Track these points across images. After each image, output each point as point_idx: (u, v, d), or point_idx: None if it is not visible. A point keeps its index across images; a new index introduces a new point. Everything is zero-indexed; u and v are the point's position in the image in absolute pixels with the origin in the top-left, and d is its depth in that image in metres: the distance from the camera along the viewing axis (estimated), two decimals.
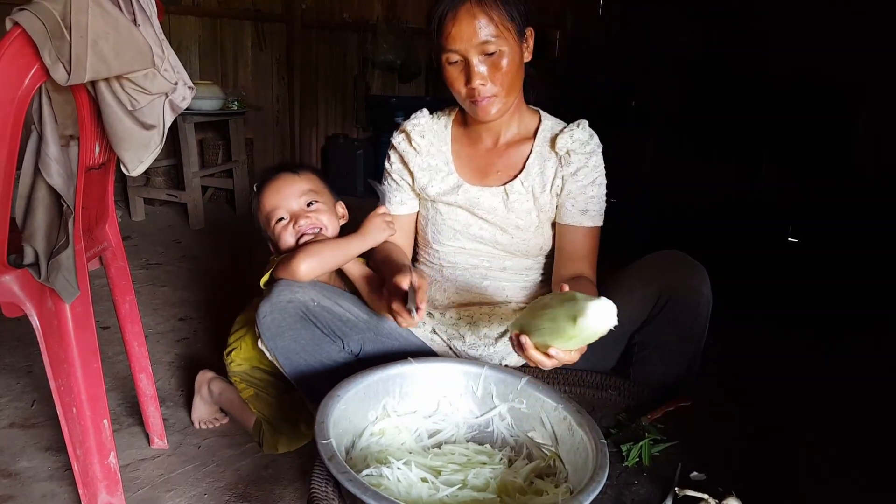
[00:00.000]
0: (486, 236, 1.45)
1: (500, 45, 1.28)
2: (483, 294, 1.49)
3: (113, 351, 1.95)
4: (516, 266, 1.48)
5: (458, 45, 1.28)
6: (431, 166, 1.48)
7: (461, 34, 1.27)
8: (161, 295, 2.54)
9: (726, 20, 3.02)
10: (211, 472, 1.46)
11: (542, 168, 1.43)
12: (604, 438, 1.02)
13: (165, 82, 1.16)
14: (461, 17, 1.27)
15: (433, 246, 1.51)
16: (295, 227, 1.44)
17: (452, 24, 1.27)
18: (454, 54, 1.30)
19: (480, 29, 1.26)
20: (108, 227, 1.43)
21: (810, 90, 2.69)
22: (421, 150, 1.48)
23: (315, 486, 0.99)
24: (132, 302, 1.50)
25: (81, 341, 1.13)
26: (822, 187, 2.69)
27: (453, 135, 1.51)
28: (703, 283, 1.34)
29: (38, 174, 1.07)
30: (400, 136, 1.51)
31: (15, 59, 0.99)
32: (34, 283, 1.09)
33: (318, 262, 1.31)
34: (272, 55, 4.53)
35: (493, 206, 1.44)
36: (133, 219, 3.68)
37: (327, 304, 1.32)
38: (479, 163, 1.48)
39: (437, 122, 1.52)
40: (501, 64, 1.30)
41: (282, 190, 1.47)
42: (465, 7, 1.27)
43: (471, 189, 1.45)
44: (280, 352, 1.30)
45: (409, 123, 1.51)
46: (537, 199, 1.43)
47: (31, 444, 1.53)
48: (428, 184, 1.47)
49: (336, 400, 1.07)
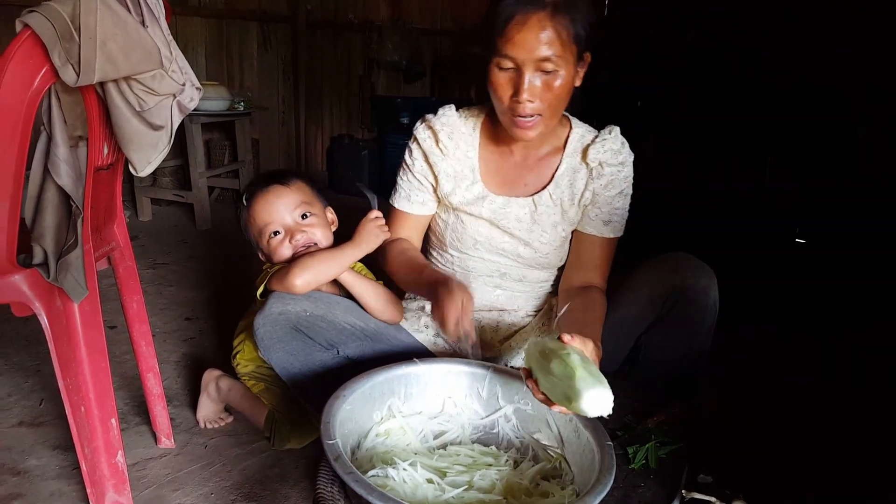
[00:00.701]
0: (508, 249, 1.42)
1: (559, 66, 1.20)
2: (494, 303, 1.48)
3: (120, 350, 1.96)
4: (533, 277, 1.46)
5: (518, 53, 1.19)
6: (457, 172, 1.41)
7: (525, 43, 1.18)
8: (168, 294, 2.54)
9: (730, 20, 3.01)
10: (217, 471, 1.46)
11: (572, 180, 1.39)
12: (610, 440, 1.02)
13: (173, 83, 1.16)
14: (531, 25, 1.17)
15: (450, 251, 1.47)
16: (291, 242, 1.43)
17: (519, 29, 1.18)
18: (509, 61, 1.21)
19: (546, 43, 1.18)
20: (117, 227, 1.43)
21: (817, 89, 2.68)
22: (448, 153, 1.41)
23: (321, 486, 0.99)
24: (140, 302, 1.50)
25: (90, 341, 1.14)
26: (830, 186, 2.68)
27: (481, 141, 1.43)
28: (710, 286, 1.33)
29: (47, 175, 1.07)
30: (426, 133, 1.42)
31: (25, 61, 0.99)
32: (43, 282, 1.10)
33: (313, 276, 1.31)
34: (278, 56, 4.54)
35: (520, 217, 1.39)
36: (140, 219, 3.69)
37: (321, 314, 1.31)
38: (506, 174, 1.42)
39: (465, 122, 1.43)
40: (555, 84, 1.22)
41: (274, 204, 1.45)
42: (537, 16, 1.17)
43: (497, 199, 1.39)
44: (275, 362, 1.32)
45: (436, 121, 1.42)
46: (566, 211, 1.39)
47: (40, 442, 1.54)
48: (452, 191, 1.41)
49: (342, 400, 1.08)
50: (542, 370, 1.02)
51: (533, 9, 1.17)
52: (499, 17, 1.20)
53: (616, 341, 1.43)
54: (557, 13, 1.18)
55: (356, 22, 4.88)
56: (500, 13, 1.20)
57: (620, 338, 1.42)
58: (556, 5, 1.18)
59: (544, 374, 1.02)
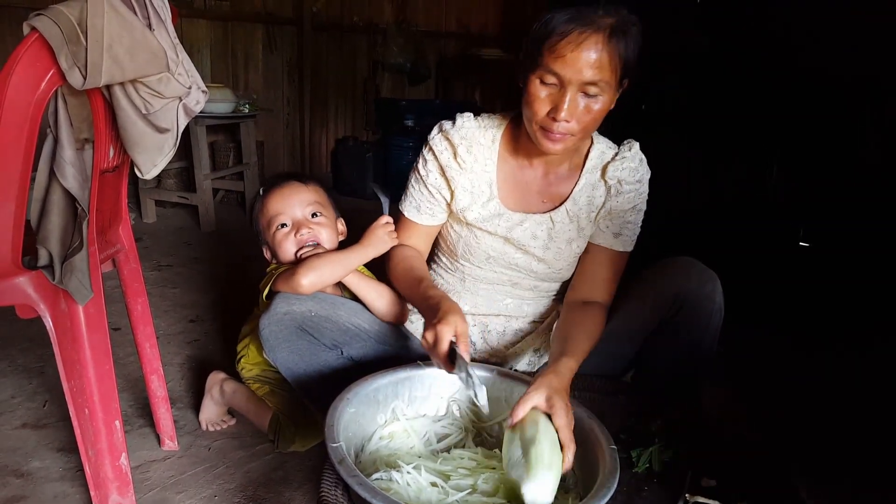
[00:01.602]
0: (521, 264, 1.40)
1: (603, 91, 1.17)
2: (502, 310, 1.48)
3: (124, 352, 1.97)
4: (544, 288, 1.46)
5: (567, 72, 1.14)
6: (474, 187, 1.37)
7: (576, 62, 1.13)
8: (172, 296, 2.55)
9: (734, 21, 3.01)
10: (221, 473, 1.47)
11: (590, 197, 1.37)
12: (614, 444, 1.02)
13: (179, 86, 1.16)
14: (586, 45, 1.13)
15: (461, 261, 1.46)
16: (296, 235, 1.45)
17: (573, 48, 1.13)
18: (554, 77, 1.16)
19: (596, 67, 1.14)
20: (122, 229, 1.44)
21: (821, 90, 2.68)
22: (466, 168, 1.36)
23: (325, 489, 0.99)
24: (144, 304, 1.51)
25: (94, 343, 1.14)
26: (835, 189, 2.67)
27: (500, 154, 1.38)
28: (715, 291, 1.33)
29: (53, 177, 1.08)
30: (443, 144, 1.37)
31: (32, 64, 1.00)
32: (48, 284, 1.10)
33: (318, 277, 1.32)
34: (283, 58, 4.55)
35: (536, 234, 1.37)
36: (144, 221, 3.70)
37: (326, 314, 1.32)
38: (525, 189, 1.39)
39: (484, 133, 1.37)
40: (594, 108, 1.19)
41: (289, 197, 1.48)
42: (594, 37, 1.13)
43: (513, 216, 1.37)
44: (280, 362, 1.32)
45: (455, 133, 1.36)
46: (582, 228, 1.38)
47: (44, 444, 1.54)
48: (468, 207, 1.38)
49: (346, 403, 1.08)
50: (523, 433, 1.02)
51: (590, 30, 1.13)
52: (552, 32, 1.15)
53: (620, 346, 1.42)
54: (613, 38, 1.14)
55: (361, 24, 4.89)
56: (554, 27, 1.15)
57: (625, 342, 1.42)
58: (613, 29, 1.14)
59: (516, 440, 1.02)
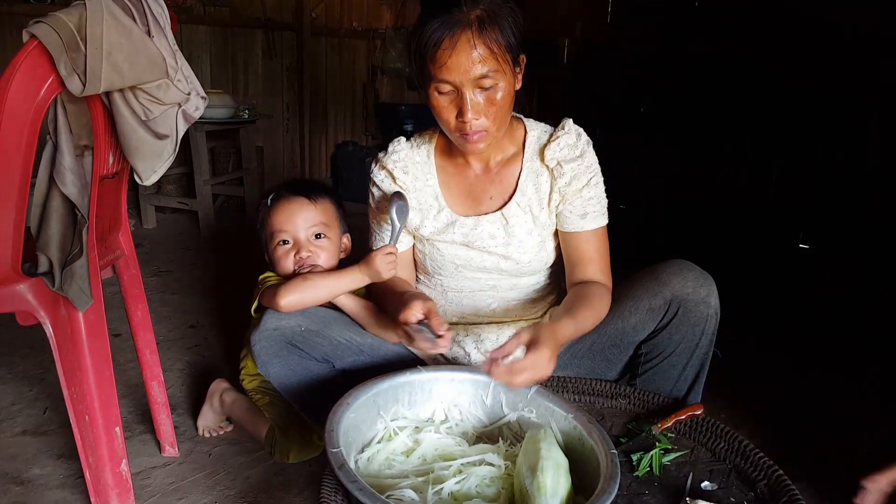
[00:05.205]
0: (490, 265, 1.40)
1: (498, 79, 1.18)
2: (492, 316, 1.47)
3: (124, 358, 1.96)
4: (523, 284, 1.45)
5: (454, 76, 1.16)
6: (421, 203, 1.40)
7: (459, 65, 1.15)
8: (172, 302, 2.55)
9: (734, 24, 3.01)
10: (222, 479, 1.46)
11: (536, 185, 1.37)
12: (614, 448, 1.02)
13: (179, 93, 1.17)
14: (460, 47, 1.14)
15: (434, 277, 1.46)
16: (296, 255, 1.44)
17: (450, 53, 1.15)
18: (447, 84, 1.19)
19: (480, 62, 1.15)
20: (122, 235, 1.44)
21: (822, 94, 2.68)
22: (407, 188, 1.39)
23: (325, 495, 0.99)
24: (144, 310, 1.51)
25: (94, 349, 1.14)
26: (835, 193, 2.67)
27: (438, 165, 1.41)
28: (711, 294, 1.33)
29: (52, 184, 1.08)
30: (382, 174, 1.41)
31: (31, 71, 1.00)
32: (48, 291, 1.10)
33: (299, 299, 1.31)
34: (282, 63, 4.56)
35: (493, 234, 1.37)
36: (144, 226, 3.70)
37: (316, 329, 1.32)
38: (470, 191, 1.40)
39: (417, 151, 1.41)
40: (496, 98, 1.20)
41: (295, 215, 1.46)
42: (465, 36, 1.14)
43: (467, 221, 1.37)
44: (273, 377, 1.33)
45: (388, 159, 1.40)
46: (536, 217, 1.37)
47: (44, 451, 1.54)
48: (420, 224, 1.40)
49: (345, 408, 1.07)
50: (532, 454, 1.02)
51: (458, 29, 1.14)
52: (427, 44, 1.16)
53: (616, 349, 1.42)
54: (485, 28, 1.15)
55: (360, 29, 4.91)
56: (426, 39, 1.16)
57: (621, 346, 1.41)
58: (482, 20, 1.15)
59: (527, 462, 1.02)
